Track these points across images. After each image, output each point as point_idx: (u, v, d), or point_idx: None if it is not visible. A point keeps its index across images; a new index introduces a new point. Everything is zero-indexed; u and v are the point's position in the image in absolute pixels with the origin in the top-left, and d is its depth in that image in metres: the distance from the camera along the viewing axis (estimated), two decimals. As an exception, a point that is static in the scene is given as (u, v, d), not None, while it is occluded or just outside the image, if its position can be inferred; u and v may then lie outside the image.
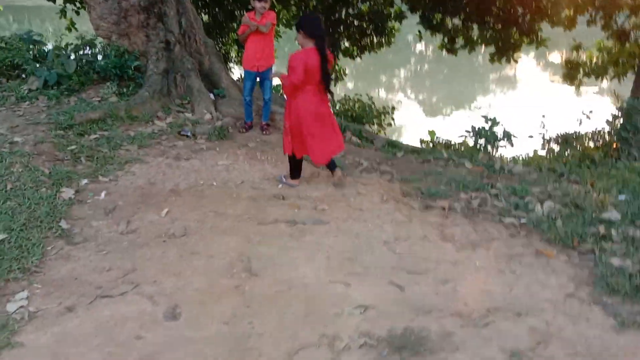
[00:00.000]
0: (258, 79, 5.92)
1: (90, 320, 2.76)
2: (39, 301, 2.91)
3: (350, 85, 20.59)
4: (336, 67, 13.15)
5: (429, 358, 2.51)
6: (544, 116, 7.51)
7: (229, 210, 4.06)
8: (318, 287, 3.08)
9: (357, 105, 10.16)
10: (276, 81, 7.65)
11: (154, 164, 4.82)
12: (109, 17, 6.43)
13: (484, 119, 6.71)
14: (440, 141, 9.01)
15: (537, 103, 17.13)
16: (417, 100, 22.57)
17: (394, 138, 9.00)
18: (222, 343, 2.61)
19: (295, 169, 4.63)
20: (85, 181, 4.35)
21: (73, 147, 4.91)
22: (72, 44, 7.27)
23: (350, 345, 2.60)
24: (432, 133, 8.85)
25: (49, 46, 7.91)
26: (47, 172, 4.39)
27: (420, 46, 31.35)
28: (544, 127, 7.48)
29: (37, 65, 6.67)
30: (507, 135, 6.44)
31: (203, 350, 2.55)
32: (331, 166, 4.66)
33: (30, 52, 7.29)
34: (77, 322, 2.75)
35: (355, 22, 12.24)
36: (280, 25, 12.63)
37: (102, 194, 4.16)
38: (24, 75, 6.85)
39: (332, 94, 4.44)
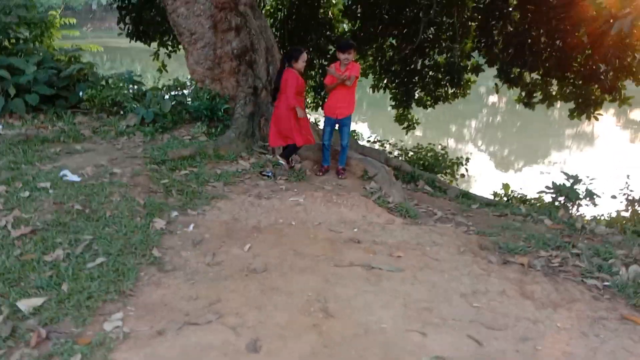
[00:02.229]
0: (337, 126, 6.15)
1: (179, 345, 2.92)
2: (132, 323, 3.12)
3: (419, 133, 20.61)
4: (409, 115, 13.29)
5: (510, 416, 2.47)
6: (628, 176, 7.22)
7: (306, 250, 4.19)
8: (395, 334, 3.12)
9: (429, 154, 10.20)
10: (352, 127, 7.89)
11: (238, 201, 5.08)
12: (204, 62, 6.97)
13: (565, 176, 6.55)
14: (515, 195, 8.85)
15: (616, 163, 16.41)
16: (488, 152, 22.19)
17: (463, 189, 8.95)
18: (302, 379, 2.69)
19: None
20: (175, 213, 4.66)
21: (165, 180, 5.28)
22: (166, 85, 7.89)
23: (428, 395, 2.60)
24: (506, 186, 8.73)
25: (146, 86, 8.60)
26: (142, 202, 4.73)
27: (493, 98, 31.00)
28: (628, 188, 7.18)
29: (136, 104, 7.28)
30: (590, 194, 6.24)
31: (284, 385, 2.64)
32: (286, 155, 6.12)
33: (130, 91, 7.97)
34: (166, 345, 2.92)
35: (431, 73, 12.39)
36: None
37: (191, 227, 4.43)
38: (122, 112, 7.48)
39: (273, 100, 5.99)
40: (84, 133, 6.66)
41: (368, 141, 12.34)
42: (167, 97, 7.45)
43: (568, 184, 6.47)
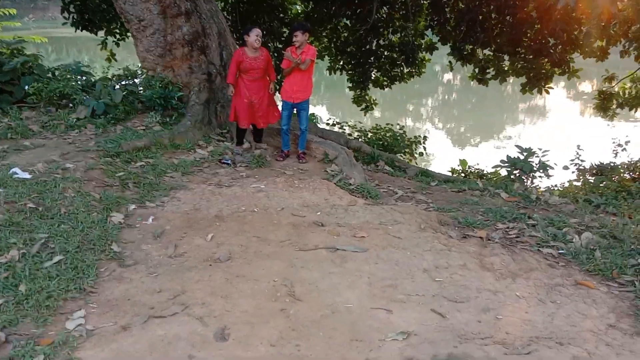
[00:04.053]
0: (295, 110, 6.12)
1: (145, 339, 2.88)
2: (95, 320, 3.05)
3: (377, 114, 20.76)
4: (366, 96, 13.34)
5: (474, 384, 2.55)
6: (579, 146, 7.50)
7: (270, 236, 4.19)
8: (361, 313, 3.16)
9: (388, 135, 10.29)
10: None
11: (198, 190, 5.00)
12: (154, 49, 6.77)
13: (518, 149, 6.74)
14: (472, 170, 9.05)
15: (568, 134, 17.00)
16: (445, 129, 22.59)
17: (422, 167, 9.10)
18: (271, 364, 2.70)
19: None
20: (133, 206, 4.55)
21: (121, 173, 5.14)
22: (116, 75, 7.64)
23: (395, 370, 2.66)
24: (463, 162, 8.91)
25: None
26: (97, 197, 4.60)
27: (448, 75, 31.51)
28: (579, 158, 7.46)
29: (85, 95, 7.03)
30: (543, 166, 6.46)
31: (253, 371, 2.65)
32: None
33: (79, 83, 7.68)
34: (132, 340, 2.88)
35: (386, 53, 12.44)
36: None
37: (150, 219, 4.35)
38: (71, 105, 7.21)
39: None
40: (32, 128, 6.39)
41: (327, 124, 12.33)
42: (117, 87, 7.21)
43: (522, 157, 6.66)
